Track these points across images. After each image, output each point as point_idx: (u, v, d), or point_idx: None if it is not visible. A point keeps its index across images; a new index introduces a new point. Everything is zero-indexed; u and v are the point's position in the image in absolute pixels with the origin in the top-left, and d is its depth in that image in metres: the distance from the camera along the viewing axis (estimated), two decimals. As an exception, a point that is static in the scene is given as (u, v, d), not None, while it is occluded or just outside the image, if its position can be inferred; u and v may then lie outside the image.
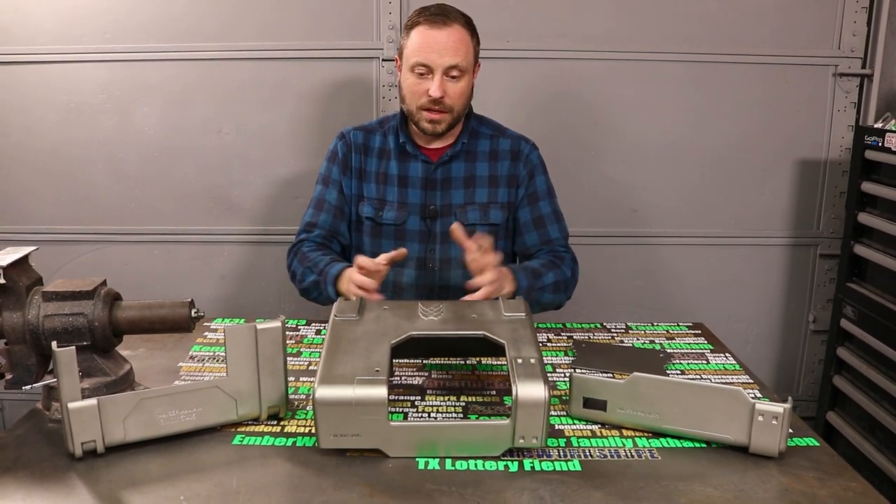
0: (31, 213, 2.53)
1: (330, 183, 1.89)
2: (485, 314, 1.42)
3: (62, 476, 1.17)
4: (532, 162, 1.90)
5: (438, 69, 1.72)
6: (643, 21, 2.43)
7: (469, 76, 1.78)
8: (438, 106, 1.75)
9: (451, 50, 1.71)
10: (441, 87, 1.72)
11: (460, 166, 1.87)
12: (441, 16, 1.73)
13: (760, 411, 1.21)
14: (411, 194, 1.86)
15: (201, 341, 1.70)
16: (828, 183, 2.55)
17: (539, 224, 1.90)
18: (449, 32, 1.72)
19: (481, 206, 1.87)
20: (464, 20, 1.76)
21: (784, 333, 2.69)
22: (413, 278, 1.86)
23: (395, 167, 1.86)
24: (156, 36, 2.40)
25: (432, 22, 1.72)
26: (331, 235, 1.88)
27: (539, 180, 1.91)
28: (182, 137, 2.48)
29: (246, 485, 1.15)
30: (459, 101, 1.77)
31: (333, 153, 1.91)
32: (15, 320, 1.31)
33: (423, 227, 1.86)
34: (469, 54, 1.75)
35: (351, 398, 1.17)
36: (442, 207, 1.86)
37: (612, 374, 1.50)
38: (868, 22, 2.44)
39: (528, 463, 1.21)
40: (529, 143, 1.92)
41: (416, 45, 1.73)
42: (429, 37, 1.72)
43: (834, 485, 1.16)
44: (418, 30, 1.73)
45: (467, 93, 1.79)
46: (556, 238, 1.90)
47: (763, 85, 2.48)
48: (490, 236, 1.64)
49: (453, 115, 1.78)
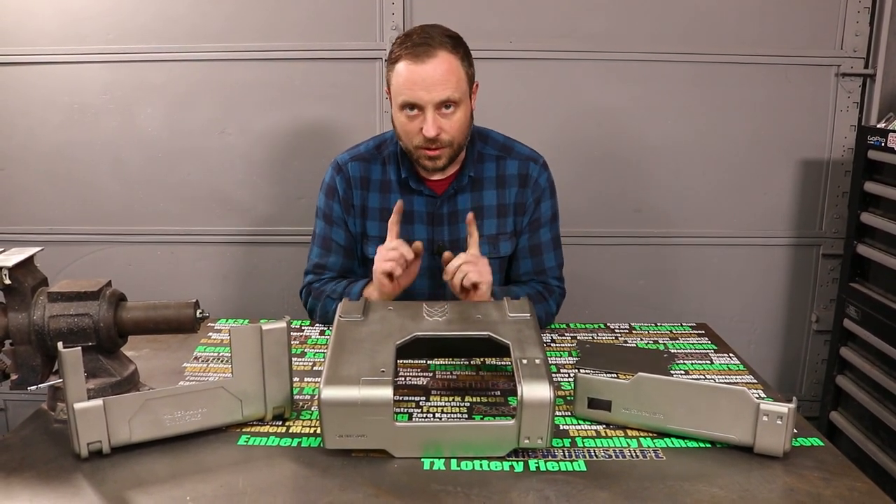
0: (34, 214, 2.53)
1: (334, 222, 1.80)
2: (489, 315, 1.42)
3: (68, 476, 1.17)
4: (541, 187, 1.80)
5: (429, 106, 1.58)
6: (645, 21, 2.43)
7: (465, 104, 1.64)
8: (436, 144, 1.62)
9: (439, 84, 1.57)
10: (435, 126, 1.59)
11: (466, 198, 1.77)
12: (424, 45, 1.57)
13: (765, 411, 1.21)
14: (417, 231, 1.76)
15: (206, 342, 1.70)
16: (830, 183, 2.56)
17: (535, 252, 1.82)
18: (435, 65, 1.57)
19: (490, 238, 1.78)
20: (451, 44, 1.60)
21: (787, 333, 2.69)
22: None
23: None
24: (159, 37, 2.40)
25: (416, 56, 1.57)
26: (342, 277, 1.81)
27: (545, 206, 1.81)
28: (185, 138, 2.48)
29: (252, 485, 1.15)
30: (458, 134, 1.65)
31: (331, 188, 1.79)
32: (20, 321, 1.32)
33: (431, 264, 1.75)
34: (461, 82, 1.61)
35: (356, 399, 1.17)
36: (450, 242, 1.76)
37: (616, 374, 1.50)
38: (870, 22, 2.44)
39: (533, 463, 1.21)
40: (539, 164, 1.80)
41: (402, 82, 1.59)
42: (413, 73, 1.57)
43: (839, 485, 1.16)
44: (402, 65, 1.59)
45: (466, 122, 1.66)
46: (550, 268, 1.83)
47: (766, 85, 2.48)
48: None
49: (453, 149, 1.66)
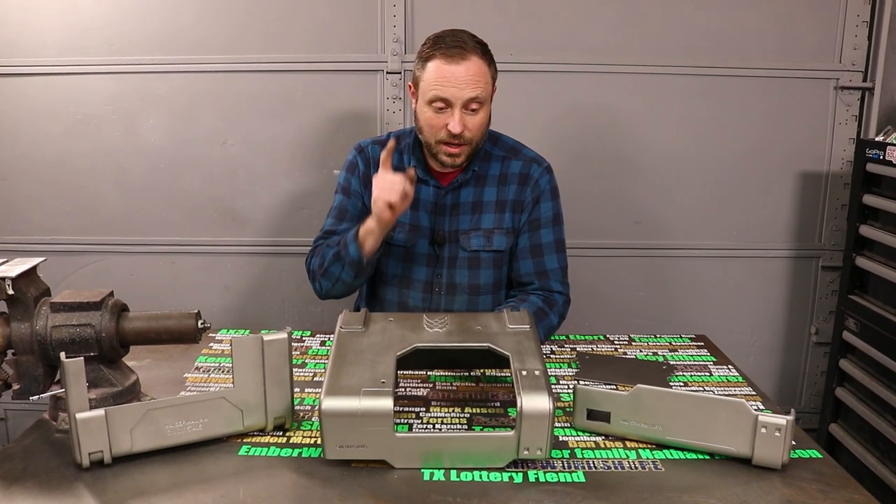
0: (37, 224, 2.54)
1: (352, 194, 1.87)
2: (489, 326, 1.43)
3: (69, 486, 1.17)
4: (540, 187, 1.84)
5: (458, 103, 1.68)
6: (645, 34, 2.45)
7: (487, 107, 1.74)
8: (458, 140, 1.71)
9: (470, 84, 1.67)
10: (461, 123, 1.68)
11: (469, 192, 1.84)
12: (458, 48, 1.67)
13: (763, 423, 1.22)
14: (422, 218, 1.84)
15: (207, 352, 1.71)
16: (829, 195, 2.56)
17: (536, 252, 1.84)
18: (468, 66, 1.67)
19: (486, 231, 1.83)
20: (480, 50, 1.71)
21: (786, 345, 2.69)
22: (419, 301, 1.86)
23: None
24: (162, 48, 2.42)
25: (450, 56, 1.67)
26: None
27: (544, 206, 1.85)
28: (188, 149, 2.49)
29: (252, 495, 1.15)
30: (478, 133, 1.74)
31: (353, 164, 1.88)
32: (23, 331, 1.32)
33: (430, 252, 1.85)
34: (487, 85, 1.71)
35: (357, 409, 1.18)
36: (449, 233, 1.84)
37: (615, 385, 1.51)
38: (869, 36, 2.46)
39: (532, 474, 1.22)
40: (542, 167, 1.86)
41: (434, 78, 1.68)
42: (447, 71, 1.67)
43: (837, 497, 1.17)
44: (435, 63, 1.68)
45: (486, 123, 1.76)
46: (552, 270, 1.84)
47: (765, 98, 2.49)
48: None
49: (472, 147, 1.75)
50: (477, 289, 1.86)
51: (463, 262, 1.84)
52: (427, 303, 1.86)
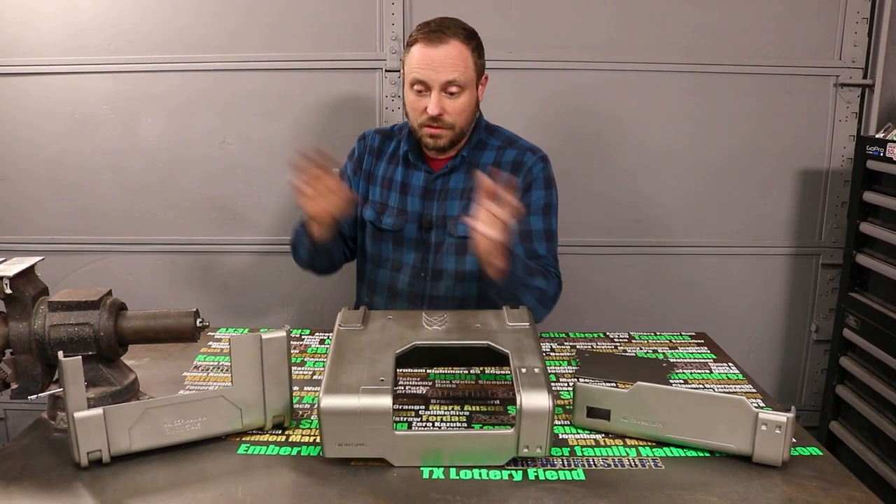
0: (35, 223, 2.54)
1: (343, 179, 1.90)
2: (489, 324, 1.42)
3: (68, 485, 1.17)
4: (532, 175, 1.83)
5: (435, 86, 1.71)
6: (645, 32, 2.45)
7: (470, 91, 1.75)
8: (438, 123, 1.74)
9: (447, 66, 1.70)
10: (439, 105, 1.72)
11: (460, 178, 1.84)
12: (438, 32, 1.71)
13: (764, 421, 1.22)
14: (411, 202, 1.86)
15: (206, 351, 1.70)
16: (829, 193, 2.56)
17: (525, 238, 1.80)
18: (447, 50, 1.70)
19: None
20: (464, 34, 1.74)
21: (787, 343, 2.69)
22: (407, 285, 1.87)
23: (399, 174, 1.88)
24: (160, 47, 2.41)
25: (429, 39, 1.71)
26: None
27: (536, 194, 1.82)
28: (186, 148, 2.49)
29: (251, 494, 1.15)
30: (460, 117, 1.76)
31: (352, 151, 1.96)
32: (21, 330, 1.32)
33: (419, 236, 1.86)
34: (468, 69, 1.73)
35: (356, 407, 1.18)
36: (437, 218, 1.85)
37: (615, 383, 1.51)
38: (869, 33, 2.45)
39: (532, 472, 1.21)
40: (537, 156, 1.85)
41: (414, 62, 1.73)
42: (425, 54, 1.71)
43: (838, 494, 1.16)
44: (417, 47, 1.73)
45: (469, 108, 1.77)
46: (542, 256, 1.80)
47: (765, 95, 2.49)
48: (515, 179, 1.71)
49: (455, 132, 1.77)
50: (463, 276, 1.84)
51: (450, 248, 1.84)
52: (414, 287, 1.87)
